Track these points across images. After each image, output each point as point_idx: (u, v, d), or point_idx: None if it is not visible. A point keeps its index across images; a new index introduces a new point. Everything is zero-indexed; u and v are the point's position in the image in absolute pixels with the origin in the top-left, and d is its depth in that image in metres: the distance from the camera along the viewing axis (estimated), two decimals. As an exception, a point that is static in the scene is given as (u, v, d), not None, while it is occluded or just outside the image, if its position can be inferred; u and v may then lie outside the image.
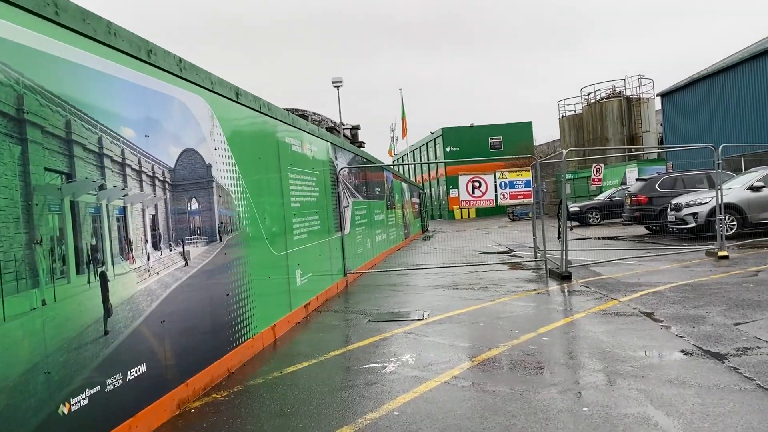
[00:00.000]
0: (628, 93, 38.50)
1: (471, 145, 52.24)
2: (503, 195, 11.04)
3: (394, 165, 18.49)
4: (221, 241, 5.42)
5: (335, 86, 33.69)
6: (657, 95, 29.77)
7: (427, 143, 61.67)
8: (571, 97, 43.69)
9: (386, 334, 6.52)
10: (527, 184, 11.11)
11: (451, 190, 52.63)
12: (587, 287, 9.00)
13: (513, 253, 15.85)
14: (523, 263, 12.61)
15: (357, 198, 12.68)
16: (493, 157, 53.13)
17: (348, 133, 50.76)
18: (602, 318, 6.71)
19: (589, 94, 41.10)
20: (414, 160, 63.12)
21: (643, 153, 37.33)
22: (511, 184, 11.06)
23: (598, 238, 18.43)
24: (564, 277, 9.84)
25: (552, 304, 7.88)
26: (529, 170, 11.18)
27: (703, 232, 14.74)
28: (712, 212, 14.68)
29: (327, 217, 9.77)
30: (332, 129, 41.42)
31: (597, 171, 10.44)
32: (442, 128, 54.66)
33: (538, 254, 11.87)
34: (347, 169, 11.79)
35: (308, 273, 8.23)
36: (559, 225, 10.17)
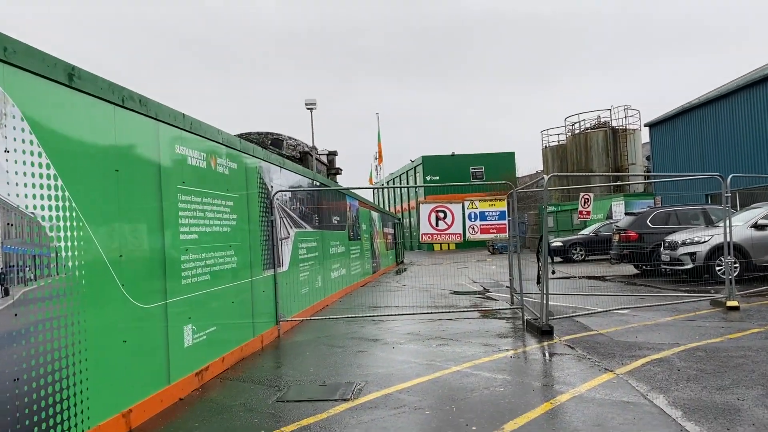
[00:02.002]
0: (614, 124, 37.25)
1: (452, 175, 50.66)
2: (473, 228, 9.18)
3: (354, 189, 16.61)
4: (7, 294, 3.45)
5: (308, 108, 32.02)
6: (645, 125, 28.41)
7: (407, 171, 60.12)
8: (554, 127, 42.49)
9: (284, 430, 4.54)
10: (501, 215, 9.27)
11: (430, 221, 50.89)
12: (573, 348, 7.10)
13: (488, 294, 13.97)
14: (498, 310, 10.69)
15: (303, 228, 10.75)
16: (476, 186, 51.81)
17: (324, 159, 49.14)
18: (596, 407, 4.79)
19: (573, 125, 39.84)
20: (394, 189, 61.44)
21: (629, 185, 35.91)
22: (483, 216, 9.21)
23: (583, 278, 16.62)
24: (544, 332, 7.95)
25: (527, 377, 5.95)
26: (503, 199, 9.34)
27: (699, 275, 13.03)
28: (712, 253, 12.99)
29: (250, 251, 7.82)
30: (306, 154, 39.71)
31: (585, 202, 8.69)
32: (423, 156, 53.18)
33: (515, 299, 9.98)
34: (288, 194, 9.88)
35: (208, 327, 6.24)
36: (539, 267, 8.33)
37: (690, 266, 13.22)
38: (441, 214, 9.10)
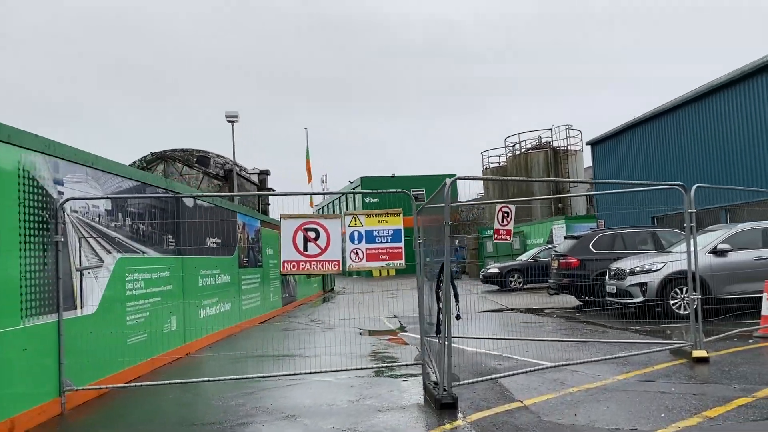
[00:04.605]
0: (555, 144, 35.77)
1: (392, 197, 48.29)
2: (356, 254, 6.61)
3: (218, 196, 13.88)
4: None
5: (229, 121, 29.10)
6: (587, 143, 26.79)
7: (346, 195, 57.56)
8: (495, 148, 40.76)
9: None
10: (396, 236, 6.74)
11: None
12: (480, 439, 4.57)
13: (402, 333, 11.43)
14: (398, 364, 8.09)
15: (138, 253, 7.95)
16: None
17: (255, 178, 46.07)
18: None
19: (513, 145, 38.24)
20: (334, 212, 58.75)
21: (571, 205, 34.35)
22: (370, 237, 6.66)
23: (518, 311, 14.30)
24: (444, 406, 5.41)
25: None
26: (398, 215, 6.82)
27: (651, 309, 10.87)
28: (665, 283, 10.85)
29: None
30: (229, 171, 36.67)
31: (504, 217, 6.40)
32: (361, 177, 50.77)
33: (425, 349, 7.36)
34: (104, 205, 7.10)
35: None
36: (439, 310, 5.84)
37: (640, 299, 11.03)
38: (311, 234, 6.50)
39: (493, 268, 21.95)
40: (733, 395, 5.56)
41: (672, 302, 10.76)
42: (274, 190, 45.65)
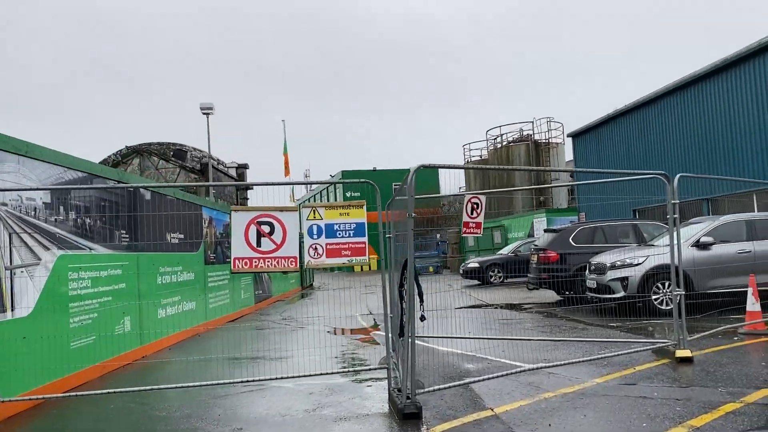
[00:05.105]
0: (537, 137, 35.43)
1: (373, 191, 47.70)
2: (316, 249, 6.08)
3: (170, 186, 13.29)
4: None
5: (204, 113, 28.30)
6: (568, 135, 26.46)
7: (327, 188, 56.94)
8: (476, 141, 40.43)
9: None
10: (359, 230, 6.22)
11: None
12: (443, 457, 4.09)
13: (375, 332, 10.94)
14: (363, 368, 7.56)
15: (83, 249, 7.36)
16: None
17: (233, 172, 45.23)
18: None
19: (495, 138, 37.86)
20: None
21: (552, 196, 34.10)
22: (331, 231, 6.13)
23: (496, 307, 13.87)
24: (407, 416, 4.92)
25: None
26: (361, 207, 6.30)
27: (632, 304, 10.48)
28: (647, 278, 10.46)
29: None
30: (205, 165, 35.86)
31: (473, 209, 5.86)
32: (342, 171, 50.14)
33: (392, 351, 6.82)
34: (41, 196, 6.49)
35: None
36: (402, 310, 5.34)
37: (621, 295, 10.64)
38: (265, 228, 5.96)
39: (473, 263, 21.54)
40: (720, 400, 5.14)
41: (654, 297, 10.39)
42: (252, 186, 44.91)
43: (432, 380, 6.35)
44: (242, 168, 44.21)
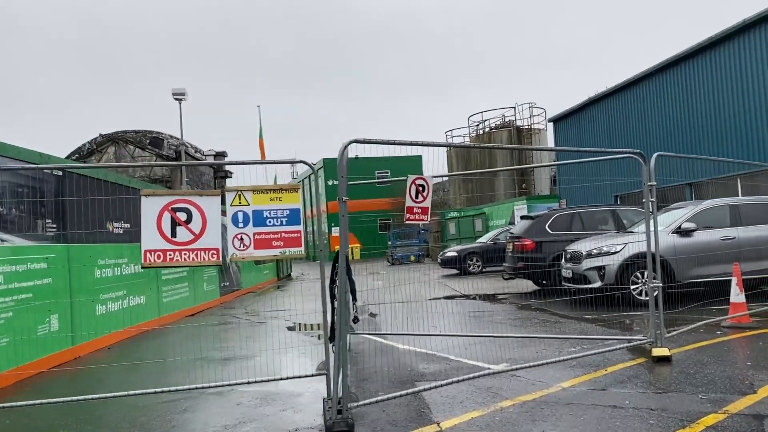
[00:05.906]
0: (519, 123, 34.74)
1: (356, 179, 46.83)
2: (241, 240, 5.31)
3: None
4: None
5: (176, 99, 27.25)
6: (549, 120, 25.78)
7: (309, 176, 55.98)
8: (458, 128, 39.59)
9: None
10: (293, 217, 5.45)
11: (333, 229, 47.25)
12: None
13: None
14: (300, 375, 6.80)
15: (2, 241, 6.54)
16: (382, 193, 48.34)
17: (211, 160, 44.14)
18: None
19: (477, 124, 37.12)
20: (305, 194, 56.94)
21: (534, 183, 33.51)
22: (260, 218, 5.36)
23: (470, 297, 13.18)
24: (338, 435, 4.19)
25: None
26: (296, 191, 5.53)
27: (608, 292, 9.84)
28: (625, 267, 9.82)
29: None
30: (179, 152, 34.82)
31: (417, 193, 5.15)
32: (324, 159, 49.20)
33: (331, 355, 6.04)
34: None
35: None
36: (333, 311, 4.60)
37: (598, 284, 9.98)
38: (182, 216, 5.17)
39: (451, 252, 20.86)
40: (699, 410, 4.46)
41: (633, 288, 9.74)
42: (231, 173, 43.85)
43: (379, 386, 5.64)
44: (220, 156, 43.06)
